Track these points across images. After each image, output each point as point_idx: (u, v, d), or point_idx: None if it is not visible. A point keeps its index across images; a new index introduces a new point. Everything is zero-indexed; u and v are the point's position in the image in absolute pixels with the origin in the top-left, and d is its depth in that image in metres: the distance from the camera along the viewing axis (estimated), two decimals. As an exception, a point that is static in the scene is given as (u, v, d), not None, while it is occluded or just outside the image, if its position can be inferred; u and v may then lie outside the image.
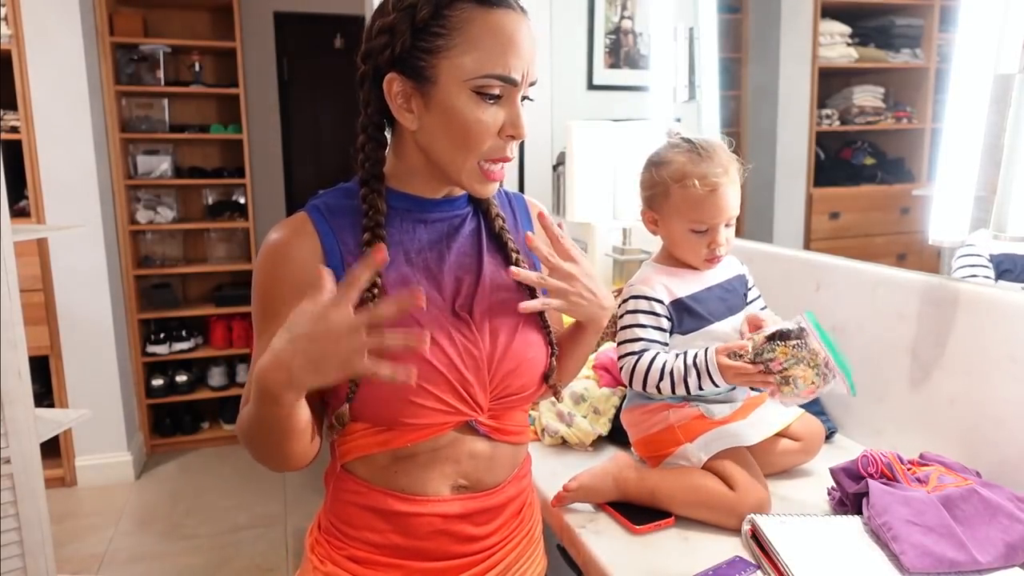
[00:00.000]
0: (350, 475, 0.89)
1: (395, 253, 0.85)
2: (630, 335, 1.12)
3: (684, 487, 1.06)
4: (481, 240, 0.91)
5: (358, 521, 0.88)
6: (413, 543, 0.87)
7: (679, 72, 1.99)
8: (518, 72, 0.79)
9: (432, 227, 0.89)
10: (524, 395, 0.90)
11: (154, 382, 3.51)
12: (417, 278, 0.85)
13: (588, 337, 0.96)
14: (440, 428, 0.85)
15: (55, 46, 2.82)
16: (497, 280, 0.89)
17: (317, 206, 0.86)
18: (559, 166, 2.46)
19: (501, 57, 0.78)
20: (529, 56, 0.80)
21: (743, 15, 2.67)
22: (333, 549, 0.90)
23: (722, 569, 0.91)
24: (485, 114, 0.79)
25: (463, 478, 0.88)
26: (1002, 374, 1.09)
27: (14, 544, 1.79)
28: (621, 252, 2.01)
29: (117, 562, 2.59)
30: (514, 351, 0.87)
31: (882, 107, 2.73)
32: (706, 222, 1.11)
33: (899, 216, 2.65)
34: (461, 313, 0.86)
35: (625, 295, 1.15)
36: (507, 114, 0.81)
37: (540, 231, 0.91)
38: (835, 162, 2.76)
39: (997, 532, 0.89)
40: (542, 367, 0.91)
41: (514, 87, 0.80)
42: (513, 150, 0.84)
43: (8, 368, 1.72)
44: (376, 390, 0.82)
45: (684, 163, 1.10)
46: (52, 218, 2.89)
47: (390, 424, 0.84)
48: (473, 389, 0.85)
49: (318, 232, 0.84)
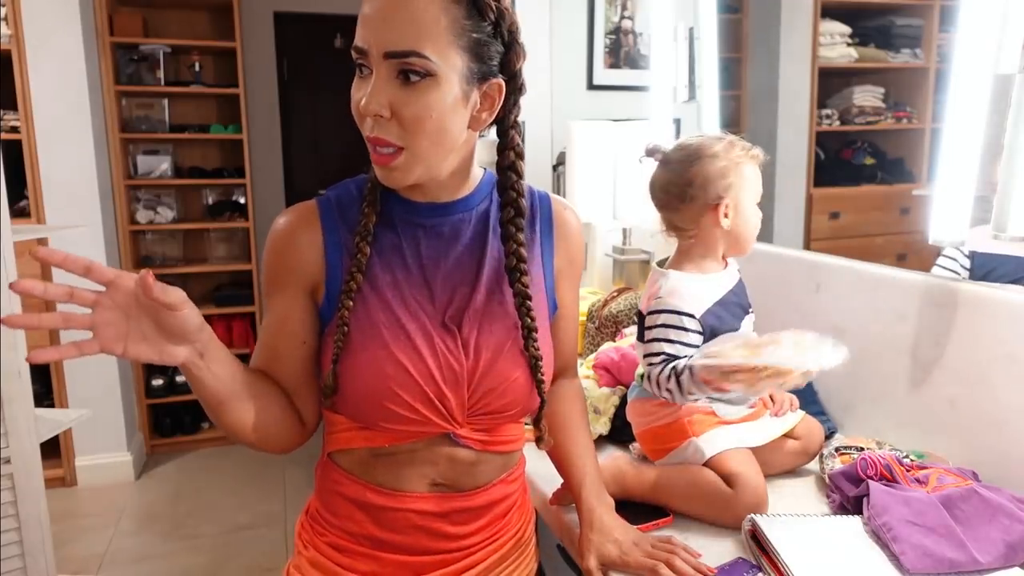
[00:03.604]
0: (334, 465, 0.91)
1: (392, 258, 0.85)
2: (655, 348, 1.07)
3: (683, 482, 1.06)
4: (485, 251, 0.87)
5: (339, 510, 0.90)
6: (388, 536, 0.88)
7: (679, 72, 1.99)
8: (364, 40, 0.75)
9: (432, 233, 0.87)
10: (509, 414, 0.88)
11: (154, 382, 3.51)
12: (410, 285, 0.85)
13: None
14: (416, 436, 0.85)
15: (55, 46, 2.82)
16: (492, 298, 0.87)
17: (329, 199, 0.87)
18: (559, 166, 2.46)
19: (359, 27, 0.76)
20: (381, 23, 0.74)
21: (743, 15, 2.67)
22: (316, 535, 0.93)
23: (724, 570, 0.91)
24: (355, 89, 0.78)
25: (441, 478, 0.88)
26: (1002, 374, 1.09)
27: (14, 544, 1.79)
28: (621, 252, 2.01)
29: (117, 562, 2.59)
30: (497, 371, 0.85)
31: (882, 107, 2.73)
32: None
33: (899, 216, 2.66)
34: (450, 325, 0.85)
35: (655, 307, 1.09)
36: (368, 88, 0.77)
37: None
38: (835, 162, 2.76)
39: (997, 532, 0.89)
40: (527, 389, 0.88)
41: (366, 57, 0.76)
42: (375, 129, 0.76)
43: (8, 368, 1.72)
44: (352, 386, 0.83)
45: (734, 140, 1.10)
46: (52, 218, 2.89)
47: (367, 423, 0.85)
48: (450, 403, 0.84)
49: (322, 225, 0.85)
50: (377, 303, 0.84)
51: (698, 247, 1.12)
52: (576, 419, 1.03)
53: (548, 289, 0.93)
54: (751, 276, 1.24)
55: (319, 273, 0.85)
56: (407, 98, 0.75)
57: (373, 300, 0.84)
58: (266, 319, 0.88)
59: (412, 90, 0.75)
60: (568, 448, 1.01)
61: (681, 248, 1.15)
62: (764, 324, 1.48)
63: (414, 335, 0.83)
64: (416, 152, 0.78)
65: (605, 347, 1.50)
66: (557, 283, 0.95)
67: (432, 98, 0.75)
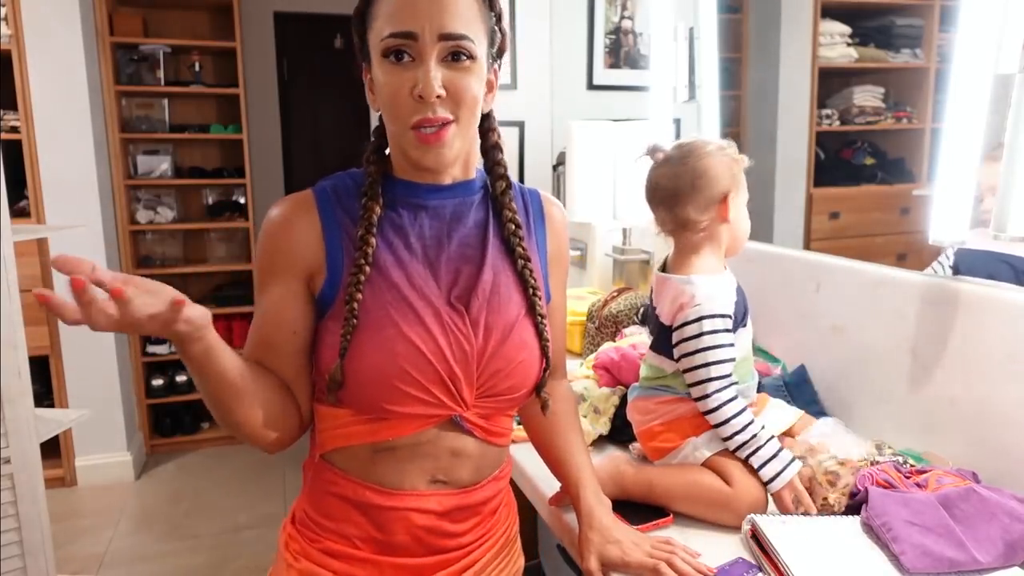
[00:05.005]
0: (328, 465, 0.89)
1: (394, 238, 0.85)
2: (715, 356, 1.03)
3: (681, 481, 1.06)
4: (487, 233, 0.89)
5: (336, 512, 0.88)
6: (388, 538, 0.87)
7: (679, 72, 1.99)
8: (415, 25, 0.77)
9: (434, 213, 0.88)
10: (512, 397, 0.89)
11: (154, 382, 3.51)
12: (414, 264, 0.85)
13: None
14: (423, 423, 0.84)
15: (55, 46, 2.82)
16: (498, 277, 0.88)
17: (325, 188, 0.87)
18: (559, 166, 2.46)
19: (398, 14, 0.78)
20: (434, 9, 0.77)
21: (743, 15, 2.67)
22: (307, 543, 0.90)
23: (724, 570, 0.91)
24: (395, 77, 0.79)
25: (441, 474, 0.88)
26: (1002, 374, 1.09)
27: (14, 544, 1.79)
28: (621, 252, 2.01)
29: (117, 562, 2.59)
30: (505, 351, 0.86)
31: (882, 107, 2.73)
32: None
33: (899, 216, 2.65)
34: (457, 305, 0.85)
35: (696, 314, 1.04)
36: (416, 73, 0.78)
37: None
38: (835, 162, 2.76)
39: (997, 531, 0.89)
40: (533, 372, 0.90)
41: (414, 41, 0.77)
42: (437, 110, 0.79)
43: (8, 368, 1.72)
44: (360, 370, 0.82)
45: (723, 143, 1.10)
46: (52, 218, 2.89)
47: (374, 410, 0.83)
48: (460, 383, 0.84)
49: (320, 212, 0.85)
50: (383, 283, 0.83)
51: (705, 244, 1.10)
52: (569, 420, 1.03)
53: (544, 277, 0.95)
54: (751, 276, 1.24)
55: (318, 257, 0.84)
56: (457, 78, 0.79)
57: (378, 281, 0.83)
58: (259, 310, 0.86)
59: (460, 70, 0.80)
60: (563, 450, 1.01)
61: (685, 247, 1.11)
62: (764, 324, 1.49)
63: (423, 312, 0.83)
64: (463, 125, 0.82)
65: (605, 347, 1.50)
66: (550, 273, 0.96)
67: (474, 78, 0.81)
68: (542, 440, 1.04)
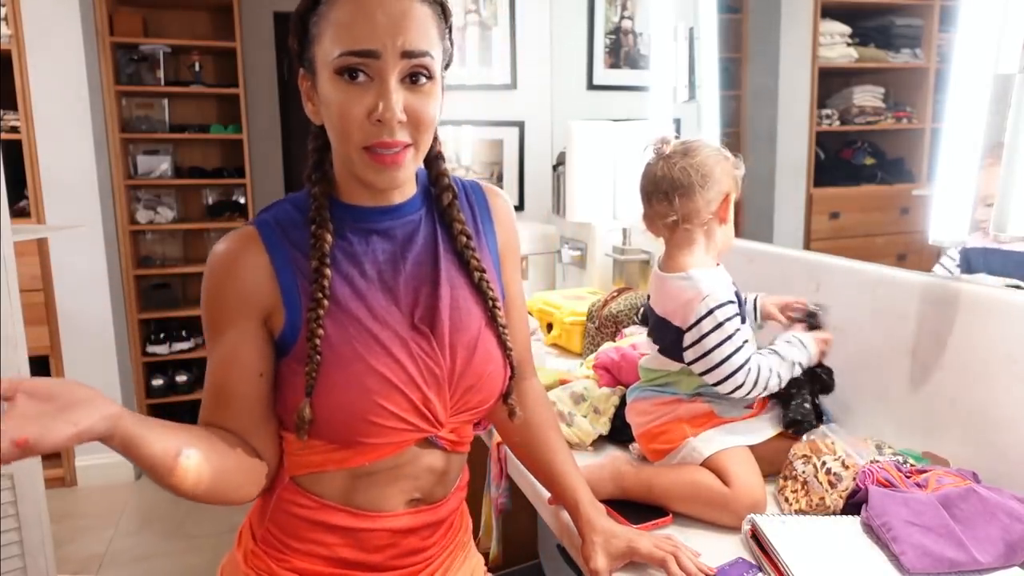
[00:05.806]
0: (299, 489, 0.85)
1: (349, 268, 0.82)
2: (740, 341, 1.04)
3: (681, 482, 1.06)
4: (437, 247, 0.86)
5: (304, 534, 0.85)
6: (360, 556, 0.86)
7: (679, 72, 1.99)
8: (375, 42, 0.72)
9: (386, 237, 0.84)
10: (481, 409, 0.89)
11: (154, 382, 3.51)
12: (373, 293, 0.82)
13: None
14: (399, 446, 0.83)
15: (55, 46, 2.82)
16: (456, 292, 0.86)
17: (267, 220, 0.82)
18: (559, 166, 2.46)
19: (355, 31, 0.72)
20: (395, 26, 0.72)
21: (743, 15, 2.67)
22: (273, 561, 0.86)
23: (724, 570, 0.91)
24: (348, 96, 0.74)
25: (418, 492, 0.88)
26: (1002, 374, 1.09)
27: (14, 544, 1.79)
28: (621, 252, 2.01)
29: (117, 562, 2.59)
30: (474, 367, 0.85)
31: (882, 107, 2.73)
32: None
33: (899, 216, 2.65)
34: (421, 327, 0.83)
35: (705, 308, 1.04)
36: (375, 94, 0.74)
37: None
38: (835, 162, 2.76)
39: (997, 531, 0.89)
40: (499, 382, 0.89)
41: (375, 60, 0.73)
42: (397, 133, 0.75)
43: (8, 368, 1.72)
44: (331, 410, 0.78)
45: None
46: (52, 218, 2.89)
47: (348, 444, 0.81)
48: (434, 406, 0.82)
49: (267, 248, 0.80)
50: (344, 318, 0.80)
51: (700, 241, 1.10)
52: (550, 425, 1.01)
53: (497, 275, 0.93)
54: (751, 276, 1.24)
55: (273, 297, 0.80)
56: (417, 102, 0.76)
57: (339, 316, 0.79)
58: (213, 360, 0.80)
59: (420, 94, 0.76)
60: (550, 457, 0.99)
61: (680, 243, 1.10)
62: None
63: (389, 343, 0.80)
64: (420, 149, 0.79)
65: (605, 347, 1.50)
66: (503, 269, 0.95)
67: (433, 101, 0.78)
68: (525, 453, 1.03)
